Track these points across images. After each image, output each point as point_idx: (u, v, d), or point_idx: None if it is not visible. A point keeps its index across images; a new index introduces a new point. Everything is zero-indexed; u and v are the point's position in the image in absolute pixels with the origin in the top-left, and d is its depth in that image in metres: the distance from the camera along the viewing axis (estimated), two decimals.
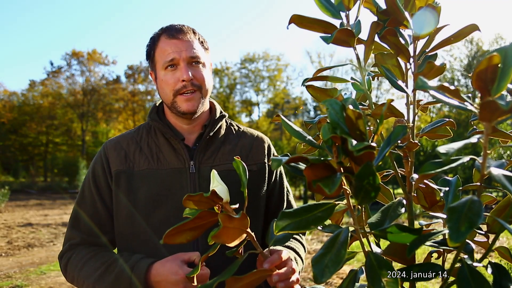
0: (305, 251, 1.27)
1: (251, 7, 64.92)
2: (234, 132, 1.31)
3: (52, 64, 33.65)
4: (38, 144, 32.70)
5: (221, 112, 1.29)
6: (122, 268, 1.05)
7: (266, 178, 1.27)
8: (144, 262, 1.04)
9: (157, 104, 1.30)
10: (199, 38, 1.22)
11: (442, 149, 0.42)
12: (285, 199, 1.34)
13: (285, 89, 35.87)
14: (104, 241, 1.20)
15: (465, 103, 0.47)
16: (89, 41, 55.66)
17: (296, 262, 1.12)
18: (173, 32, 1.17)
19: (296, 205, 1.35)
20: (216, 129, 1.24)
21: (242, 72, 34.61)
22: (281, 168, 1.35)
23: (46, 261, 5.93)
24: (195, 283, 0.82)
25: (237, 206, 0.77)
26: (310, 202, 1.18)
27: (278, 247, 1.01)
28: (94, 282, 1.08)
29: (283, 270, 0.88)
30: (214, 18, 65.24)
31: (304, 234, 1.38)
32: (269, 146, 1.33)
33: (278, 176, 1.33)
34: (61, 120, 31.70)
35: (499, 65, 0.43)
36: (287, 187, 1.36)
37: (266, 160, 1.29)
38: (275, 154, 1.34)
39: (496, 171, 0.46)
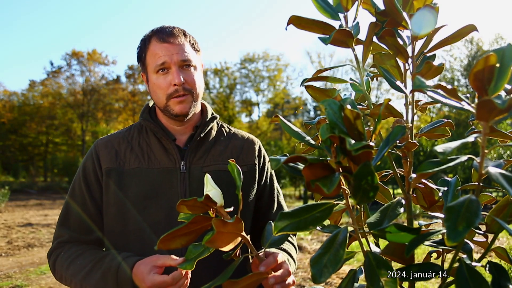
0: (296, 252, 1.27)
1: (251, 7, 64.96)
2: (225, 133, 1.32)
3: (52, 64, 33.64)
4: (38, 144, 32.70)
5: (212, 113, 1.30)
6: (109, 266, 1.05)
7: (256, 180, 1.28)
8: (131, 259, 1.05)
9: (150, 105, 1.31)
10: (189, 40, 1.22)
11: (439, 148, 0.42)
12: (276, 200, 1.34)
13: (285, 89, 35.87)
14: (93, 239, 1.20)
15: (462, 102, 0.47)
16: (89, 41, 55.71)
17: (289, 264, 1.12)
18: (164, 35, 1.17)
19: (286, 206, 1.35)
20: (207, 130, 1.24)
21: (242, 72, 34.60)
22: (272, 170, 1.36)
23: (46, 261, 5.92)
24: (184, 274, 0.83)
25: (231, 209, 0.77)
26: (310, 202, 1.18)
27: (273, 250, 1.01)
28: (81, 280, 1.08)
29: (279, 272, 0.88)
30: (214, 18, 65.26)
31: (294, 235, 1.39)
32: (259, 148, 1.34)
33: (268, 177, 1.33)
34: (61, 120, 31.69)
35: (497, 65, 0.43)
36: (277, 189, 1.37)
37: (256, 162, 1.29)
38: (266, 156, 1.35)
39: (493, 171, 0.46)
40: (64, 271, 1.12)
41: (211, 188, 0.77)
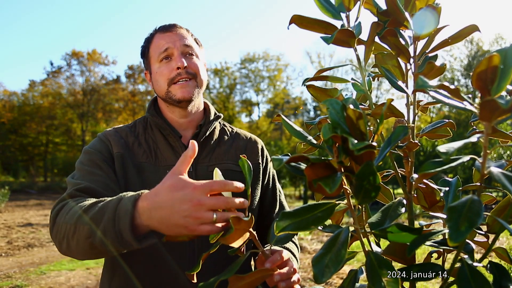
0: (298, 251, 1.27)
1: (251, 7, 64.99)
2: (228, 133, 1.32)
3: (52, 64, 33.74)
4: (38, 144, 32.72)
5: (215, 113, 1.30)
6: (111, 200, 0.85)
7: (260, 180, 1.28)
8: (131, 195, 0.82)
9: (156, 101, 1.30)
10: (192, 35, 1.26)
11: (442, 148, 0.42)
12: (278, 200, 1.35)
13: (285, 89, 35.89)
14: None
15: (465, 102, 0.47)
16: (89, 41, 55.80)
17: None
18: (166, 27, 1.22)
19: (288, 206, 1.36)
20: (211, 129, 1.24)
21: (242, 72, 34.64)
22: (273, 170, 1.36)
23: (46, 261, 5.93)
24: (195, 281, 0.81)
25: None
26: (310, 202, 1.18)
27: (277, 247, 1.01)
28: (76, 221, 0.86)
29: (284, 269, 0.88)
30: (214, 18, 65.29)
31: (296, 234, 1.39)
32: (262, 148, 1.34)
33: (271, 177, 1.34)
34: (61, 120, 31.70)
35: (500, 66, 0.43)
36: (279, 189, 1.38)
37: (260, 161, 1.29)
38: (268, 156, 1.35)
39: (496, 171, 0.46)
40: (64, 218, 0.91)
41: None
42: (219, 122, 1.34)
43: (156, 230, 0.78)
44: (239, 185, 0.74)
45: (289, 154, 0.59)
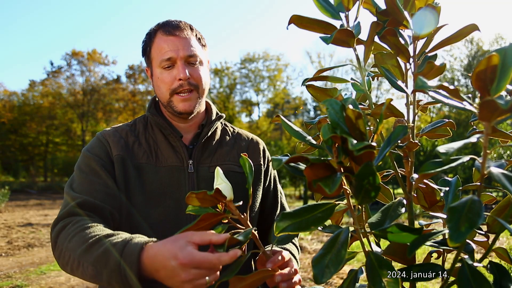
0: (298, 252, 1.26)
1: (251, 7, 65.01)
2: (229, 133, 1.30)
3: (52, 64, 33.65)
4: (38, 144, 32.73)
5: (217, 113, 1.28)
6: (116, 241, 0.86)
7: (262, 181, 1.27)
8: (145, 239, 0.84)
9: (157, 99, 1.27)
10: (196, 35, 1.20)
11: (442, 148, 0.42)
12: (279, 201, 1.34)
13: (285, 89, 35.87)
14: (109, 209, 1.05)
15: (464, 102, 0.47)
16: (89, 41, 55.73)
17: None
18: (170, 28, 1.15)
19: (288, 207, 1.35)
20: (213, 129, 1.23)
21: (242, 72, 34.62)
22: (274, 171, 1.36)
23: (46, 261, 5.93)
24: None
25: (240, 203, 0.77)
26: (310, 202, 1.18)
27: (277, 248, 1.01)
28: (80, 256, 0.88)
29: (285, 270, 0.87)
30: (214, 18, 65.33)
31: (297, 235, 1.38)
32: (264, 149, 1.33)
33: (272, 178, 1.33)
34: (61, 120, 31.69)
35: (499, 65, 0.43)
36: (280, 190, 1.37)
37: (262, 162, 1.28)
38: (269, 157, 1.34)
39: (496, 171, 0.46)
40: (66, 244, 0.92)
41: (221, 182, 0.76)
42: (221, 122, 1.32)
43: None
44: (229, 255, 0.72)
45: (289, 154, 0.59)
